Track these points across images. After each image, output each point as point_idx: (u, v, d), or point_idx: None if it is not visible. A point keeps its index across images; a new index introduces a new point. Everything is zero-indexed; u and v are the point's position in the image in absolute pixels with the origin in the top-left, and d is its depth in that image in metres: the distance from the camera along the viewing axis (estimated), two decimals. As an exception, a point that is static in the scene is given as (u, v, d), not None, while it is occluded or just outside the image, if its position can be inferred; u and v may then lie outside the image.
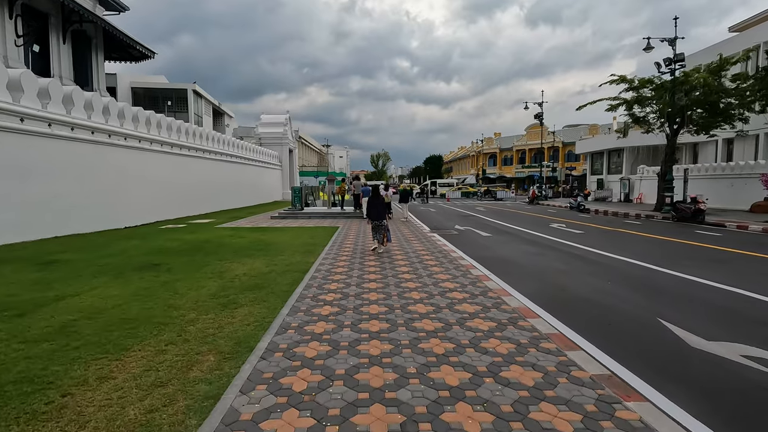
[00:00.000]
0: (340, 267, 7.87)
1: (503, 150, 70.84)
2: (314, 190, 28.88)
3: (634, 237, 13.26)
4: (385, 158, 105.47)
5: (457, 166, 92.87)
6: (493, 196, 42.74)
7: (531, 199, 34.62)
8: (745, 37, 26.75)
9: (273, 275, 7.08)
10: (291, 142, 43.11)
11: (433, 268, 7.63)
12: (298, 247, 10.29)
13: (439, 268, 7.64)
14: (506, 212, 24.56)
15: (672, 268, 8.21)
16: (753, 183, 21.48)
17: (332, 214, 19.55)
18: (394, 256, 9.02)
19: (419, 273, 7.28)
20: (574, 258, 9.54)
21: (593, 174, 38.68)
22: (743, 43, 24.55)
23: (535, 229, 15.55)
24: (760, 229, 14.41)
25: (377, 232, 9.77)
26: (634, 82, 22.69)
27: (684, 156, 31.14)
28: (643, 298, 6.23)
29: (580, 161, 57.09)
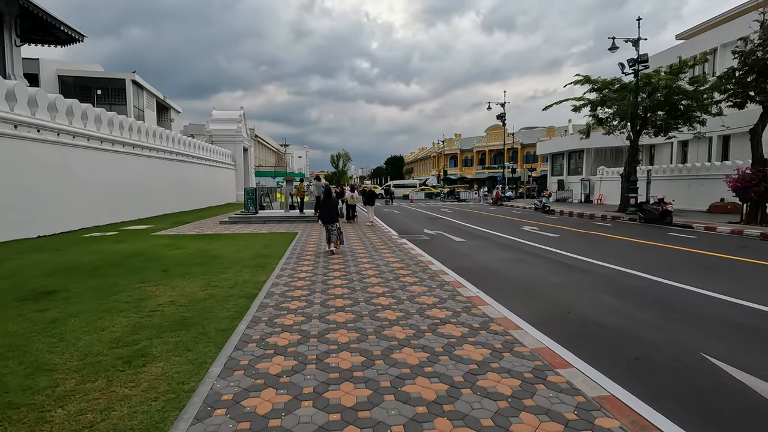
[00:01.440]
0: (299, 288, 6.37)
1: (464, 151, 71.18)
2: (271, 192, 26.88)
3: (612, 241, 12.62)
4: (346, 158, 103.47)
5: (419, 167, 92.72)
6: (457, 197, 42.29)
7: (495, 200, 34.33)
8: (691, 44, 27.64)
9: (210, 303, 5.47)
10: (246, 140, 40.57)
11: (414, 288, 6.31)
12: (248, 260, 8.66)
13: (420, 287, 6.33)
14: (472, 214, 23.82)
15: (671, 277, 7.38)
16: (710, 184, 21.93)
17: (290, 217, 17.84)
18: (366, 272, 7.61)
19: (397, 296, 5.92)
20: (563, 267, 8.56)
21: (554, 175, 39.10)
22: (690, 49, 25.21)
23: (508, 232, 14.69)
24: (728, 231, 14.29)
25: (331, 234, 9.71)
26: (597, 83, 22.61)
27: (641, 157, 31.87)
28: (662, 319, 5.23)
29: (539, 162, 58.19)
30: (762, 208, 15.32)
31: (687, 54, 23.23)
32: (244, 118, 40.30)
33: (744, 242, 12.13)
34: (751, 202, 15.44)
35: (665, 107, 20.97)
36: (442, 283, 6.55)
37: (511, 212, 25.09)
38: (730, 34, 25.11)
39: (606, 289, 6.82)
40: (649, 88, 20.61)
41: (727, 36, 25.18)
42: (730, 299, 6.07)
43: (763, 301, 5.93)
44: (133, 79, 27.54)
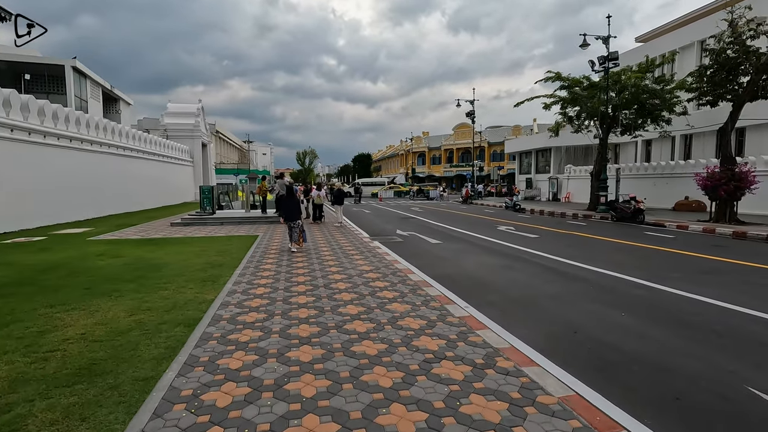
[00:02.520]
0: (255, 309, 5.22)
1: (432, 149, 71.02)
2: (231, 190, 25.15)
3: (593, 242, 12.13)
4: (312, 156, 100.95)
5: (386, 165, 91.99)
6: (426, 196, 41.75)
7: (464, 198, 33.94)
8: (649, 46, 28.17)
9: (135, 336, 4.24)
10: (205, 135, 38.26)
11: (394, 306, 5.29)
12: (197, 272, 7.37)
13: (401, 305, 5.33)
14: (444, 213, 23.14)
15: (670, 284, 6.76)
16: (674, 182, 22.26)
17: (251, 218, 16.41)
18: (336, 285, 6.53)
19: (376, 318, 4.89)
20: (553, 273, 7.82)
21: (522, 173, 39.26)
22: (649, 51, 25.47)
23: (485, 232, 13.99)
24: (701, 229, 14.21)
25: (293, 232, 9.73)
26: (567, 80, 22.46)
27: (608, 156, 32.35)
28: (683, 339, 4.50)
29: (505, 161, 58.76)
30: (730, 207, 15.40)
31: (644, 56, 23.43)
32: (202, 112, 37.96)
33: (720, 242, 11.94)
34: (720, 200, 15.49)
35: (633, 105, 21.04)
36: (426, 299, 5.58)
37: (482, 211, 24.61)
38: (688, 36, 25.75)
39: (606, 300, 6.08)
40: (618, 85, 20.60)
41: (685, 39, 25.78)
42: (746, 311, 5.45)
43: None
44: (73, 65, 24.93)
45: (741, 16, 15.11)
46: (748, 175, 14.97)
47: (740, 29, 14.91)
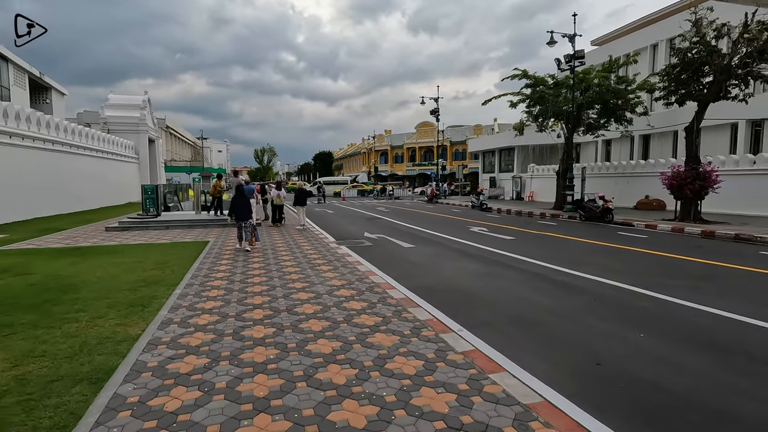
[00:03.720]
0: (194, 352, 3.96)
1: (394, 147, 70.38)
2: (181, 189, 23.07)
3: (571, 244, 11.61)
4: (271, 153, 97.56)
5: (348, 163, 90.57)
6: (390, 195, 40.86)
7: (430, 197, 33.36)
8: (605, 49, 28.71)
9: (3, 410, 2.89)
10: (152, 130, 35.36)
11: (378, 338, 4.22)
12: (125, 292, 5.94)
13: (388, 337, 4.26)
14: (411, 213, 22.31)
15: (674, 293, 6.14)
16: (635, 181, 22.61)
17: (203, 221, 14.75)
18: (302, 308, 5.35)
19: (357, 359, 3.80)
20: (544, 282, 7.04)
21: (485, 172, 39.27)
22: (604, 54, 25.86)
23: (458, 234, 13.20)
24: (669, 228, 14.15)
25: (243, 232, 9.54)
26: (533, 78, 22.25)
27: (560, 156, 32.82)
28: (729, 369, 3.76)
29: (467, 159, 59.08)
30: (695, 206, 15.52)
31: (601, 59, 23.72)
32: (149, 105, 35.03)
33: (695, 242, 11.77)
34: (685, 199, 15.58)
35: (597, 105, 21.11)
36: (416, 326, 4.54)
37: (450, 211, 24.00)
38: (642, 40, 26.46)
39: (613, 315, 5.31)
40: (584, 84, 20.57)
41: (638, 42, 26.45)
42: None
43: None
44: (-9, 47, 21.85)
45: (704, 17, 15.24)
46: (712, 174, 15.13)
47: (704, 30, 15.01)
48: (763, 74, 14.44)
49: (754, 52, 14.16)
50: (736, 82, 15.03)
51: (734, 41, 14.48)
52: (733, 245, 11.15)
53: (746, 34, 14.31)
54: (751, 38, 14.26)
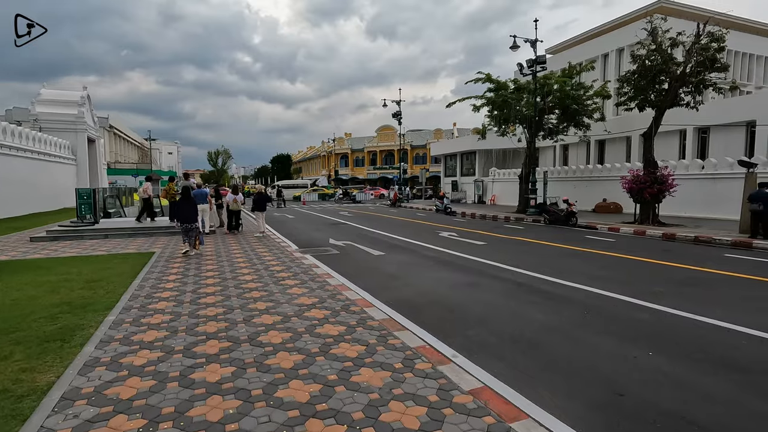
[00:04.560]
0: (125, 409, 3.03)
1: (355, 151, 69.57)
2: (124, 193, 21.09)
3: (544, 249, 11.38)
4: (226, 156, 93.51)
5: (307, 167, 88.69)
6: (352, 199, 40.04)
7: (393, 201, 32.87)
8: (558, 58, 29.67)
9: None
10: (92, 129, 32.52)
11: (365, 376, 3.47)
12: (42, 321, 4.81)
13: (376, 373, 3.52)
14: (375, 217, 21.66)
15: (667, 303, 5.85)
16: (593, 185, 23.21)
17: (148, 229, 13.31)
18: (266, 337, 4.49)
19: (342, 410, 3.03)
20: (527, 292, 6.58)
21: (447, 176, 39.39)
22: (558, 63, 26.66)
23: (428, 240, 12.68)
24: (631, 231, 14.38)
25: (188, 236, 9.31)
26: (496, 82, 22.34)
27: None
28: (755, 396, 3.34)
29: (428, 163, 59.40)
30: (653, 209, 15.94)
31: (555, 67, 24.33)
32: (88, 102, 32.19)
33: (662, 245, 11.91)
34: (644, 202, 15.97)
35: (558, 110, 21.49)
36: (408, 355, 3.83)
37: (414, 215, 23.58)
38: (591, 51, 27.50)
39: (614, 330, 4.88)
40: (546, 88, 20.85)
41: (589, 53, 27.49)
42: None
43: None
44: None
45: (659, 26, 15.74)
46: (668, 178, 15.60)
47: (660, 39, 15.49)
48: (714, 83, 15.07)
49: (706, 62, 14.74)
50: (688, 89, 15.63)
51: (688, 50, 15.02)
52: (696, 248, 11.34)
53: (698, 44, 14.89)
54: (702, 48, 14.85)
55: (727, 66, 15.32)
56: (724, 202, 16.57)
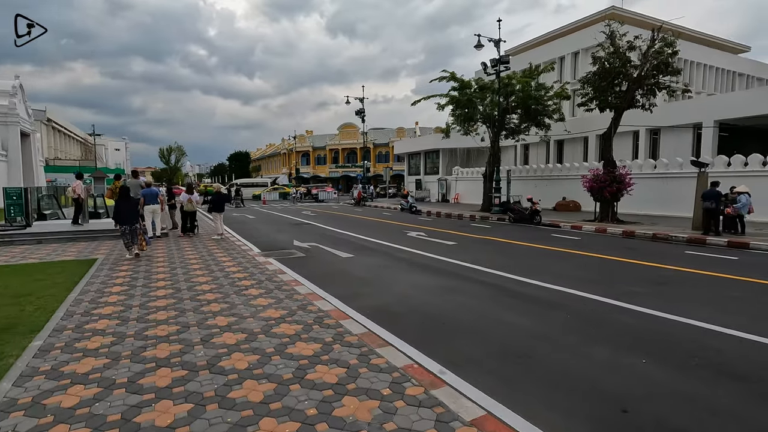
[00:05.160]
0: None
1: (316, 149, 68.31)
2: (63, 192, 19.26)
3: (515, 248, 11.31)
4: (180, 153, 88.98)
5: (267, 164, 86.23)
6: (315, 198, 39.10)
7: (357, 200, 32.34)
8: (517, 59, 30.34)
9: None
10: (26, 122, 29.66)
11: (350, 408, 2.98)
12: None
13: (363, 403, 3.04)
14: (340, 217, 21.08)
15: (645, 303, 5.78)
16: (553, 184, 23.79)
17: (90, 232, 12.06)
18: (231, 361, 3.90)
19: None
20: (506, 295, 6.33)
21: (411, 174, 39.33)
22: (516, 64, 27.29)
23: (396, 240, 12.32)
24: (593, 229, 14.71)
25: (131, 238, 8.77)
26: (460, 81, 22.35)
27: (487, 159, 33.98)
28: (761, 406, 3.18)
29: (391, 161, 59.28)
30: (612, 207, 16.42)
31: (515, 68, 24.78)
32: (21, 93, 29.32)
33: (624, 243, 12.18)
34: (604, 201, 16.42)
35: (520, 110, 21.79)
36: (396, 377, 3.39)
37: (380, 214, 23.20)
38: (547, 54, 28.28)
39: (601, 336, 4.69)
40: (509, 88, 21.06)
41: (545, 56, 28.28)
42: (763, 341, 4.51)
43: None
44: None
45: (616, 30, 16.20)
46: (626, 177, 16.12)
47: (618, 42, 15.94)
48: (669, 86, 15.69)
49: (660, 65, 15.31)
50: (643, 92, 16.20)
51: (644, 54, 15.54)
52: (656, 245, 11.67)
53: (653, 48, 15.45)
54: (657, 52, 15.42)
55: (680, 70, 16.02)
56: (676, 200, 17.36)
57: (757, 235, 12.15)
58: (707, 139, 19.70)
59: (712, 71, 30.05)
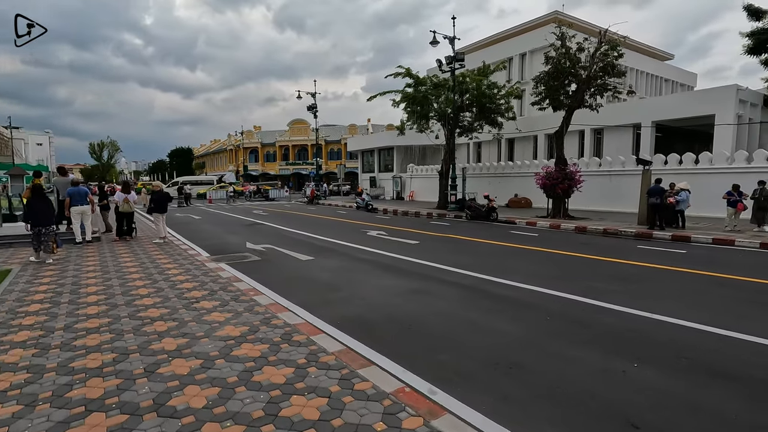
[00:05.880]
0: None
1: (265, 145, 65.89)
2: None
3: (478, 246, 11.22)
4: (113, 149, 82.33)
5: (212, 161, 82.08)
6: (265, 196, 37.51)
7: (310, 198, 31.38)
8: (468, 58, 30.93)
9: None
10: None
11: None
12: None
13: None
14: (294, 216, 20.21)
15: (616, 300, 5.75)
16: (506, 181, 24.36)
17: (3, 238, 10.45)
18: (178, 394, 3.22)
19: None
20: (481, 297, 6.08)
21: (365, 172, 38.86)
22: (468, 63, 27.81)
23: (357, 240, 11.84)
24: (547, 225, 15.08)
25: (42, 241, 8.14)
26: (415, 77, 22.20)
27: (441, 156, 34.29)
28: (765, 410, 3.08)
29: (343, 159, 58.50)
30: (563, 203, 16.96)
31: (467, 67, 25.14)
32: None
33: (579, 238, 12.50)
34: (556, 197, 16.93)
35: (474, 108, 22.02)
36: (387, 407, 2.91)
37: (335, 212, 22.54)
38: (496, 55, 28.99)
39: (586, 338, 4.52)
40: (464, 86, 21.19)
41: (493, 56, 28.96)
42: (744, 337, 4.53)
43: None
44: None
45: (566, 32, 16.71)
46: (576, 175, 16.71)
47: (568, 43, 16.44)
48: (615, 86, 16.42)
49: (607, 67, 15.97)
50: (591, 92, 16.85)
51: (592, 56, 16.14)
52: (609, 240, 12.08)
53: (600, 50, 16.08)
54: (604, 54, 16.06)
55: (625, 72, 16.82)
56: (620, 196, 18.29)
57: (695, 228, 12.97)
58: (646, 139, 20.99)
59: (643, 76, 32.22)
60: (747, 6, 19.80)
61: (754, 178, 14.43)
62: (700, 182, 15.79)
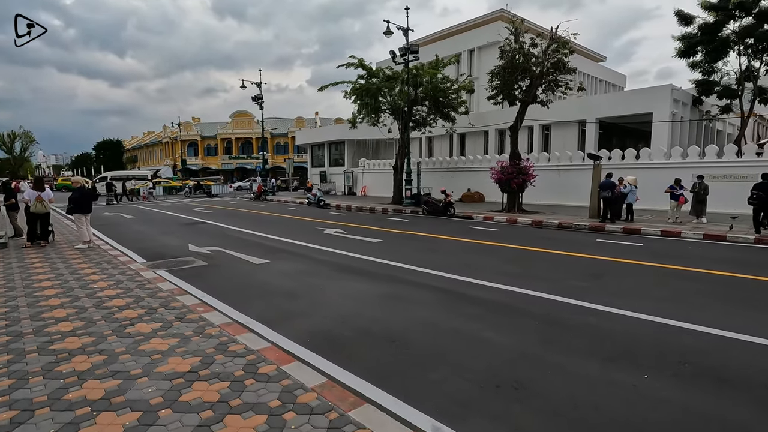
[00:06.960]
0: None
1: (206, 138, 61.96)
2: None
3: (443, 243, 10.85)
4: (28, 140, 73.56)
5: (146, 155, 76.11)
6: (207, 192, 35.08)
7: (257, 194, 29.73)
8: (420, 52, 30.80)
9: None
10: None
11: None
12: None
13: None
14: (241, 214, 18.86)
15: (594, 299, 5.54)
16: (458, 175, 24.41)
17: None
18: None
19: None
20: (461, 301, 5.64)
21: (314, 166, 37.60)
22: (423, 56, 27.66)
23: (313, 239, 11.04)
24: (504, 220, 15.13)
25: None
26: (367, 69, 21.52)
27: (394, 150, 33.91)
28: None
29: (290, 153, 56.50)
30: (518, 198, 17.16)
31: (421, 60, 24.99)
32: None
33: (538, 233, 12.56)
34: (511, 192, 17.08)
35: (428, 102, 21.75)
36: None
37: (286, 209, 21.38)
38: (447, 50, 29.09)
39: (582, 346, 4.19)
40: (417, 79, 20.81)
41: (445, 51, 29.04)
42: (740, 337, 4.40)
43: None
44: None
45: (519, 28, 16.82)
46: (530, 169, 16.94)
47: (521, 39, 16.54)
48: (566, 83, 16.79)
49: (558, 63, 16.25)
50: (543, 88, 17.13)
51: (544, 52, 16.35)
52: (567, 234, 12.24)
53: (551, 47, 16.34)
54: (554, 51, 16.33)
55: (574, 69, 17.24)
56: (569, 190, 18.86)
57: (642, 221, 13.52)
58: (590, 135, 21.88)
59: (581, 76, 33.87)
60: (677, 12, 21.15)
61: (689, 173, 15.31)
62: (641, 177, 16.56)
